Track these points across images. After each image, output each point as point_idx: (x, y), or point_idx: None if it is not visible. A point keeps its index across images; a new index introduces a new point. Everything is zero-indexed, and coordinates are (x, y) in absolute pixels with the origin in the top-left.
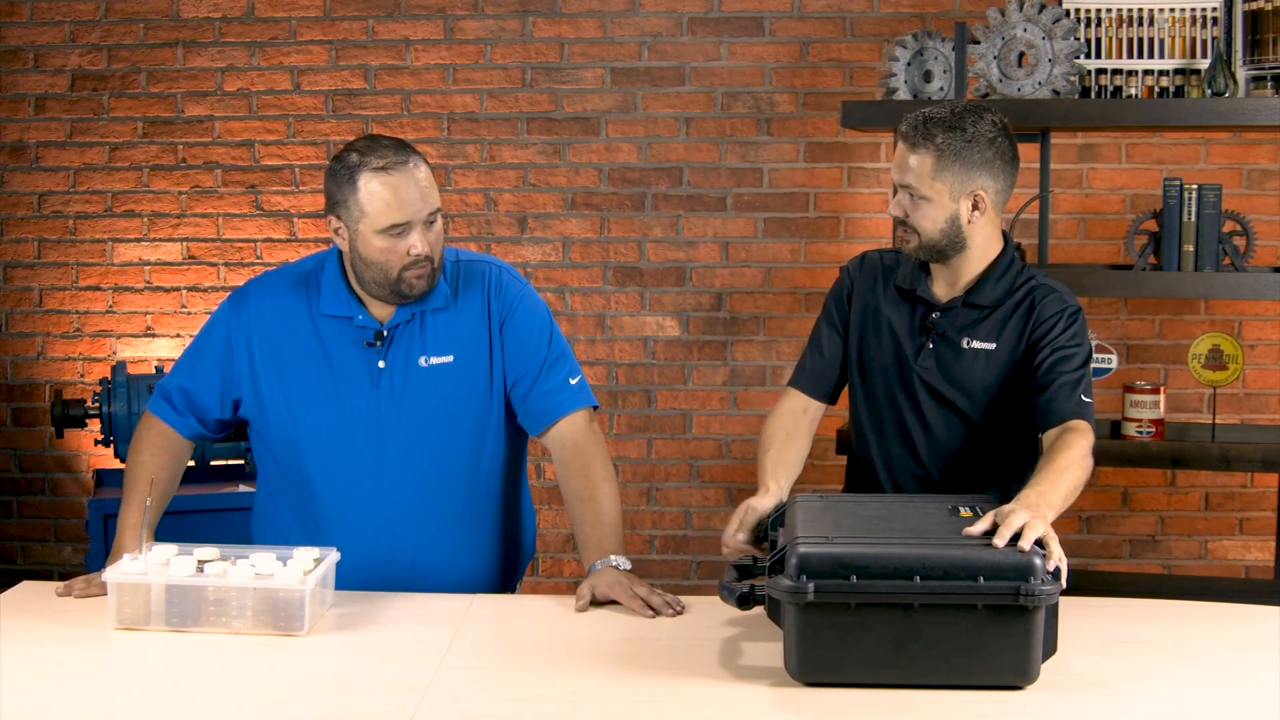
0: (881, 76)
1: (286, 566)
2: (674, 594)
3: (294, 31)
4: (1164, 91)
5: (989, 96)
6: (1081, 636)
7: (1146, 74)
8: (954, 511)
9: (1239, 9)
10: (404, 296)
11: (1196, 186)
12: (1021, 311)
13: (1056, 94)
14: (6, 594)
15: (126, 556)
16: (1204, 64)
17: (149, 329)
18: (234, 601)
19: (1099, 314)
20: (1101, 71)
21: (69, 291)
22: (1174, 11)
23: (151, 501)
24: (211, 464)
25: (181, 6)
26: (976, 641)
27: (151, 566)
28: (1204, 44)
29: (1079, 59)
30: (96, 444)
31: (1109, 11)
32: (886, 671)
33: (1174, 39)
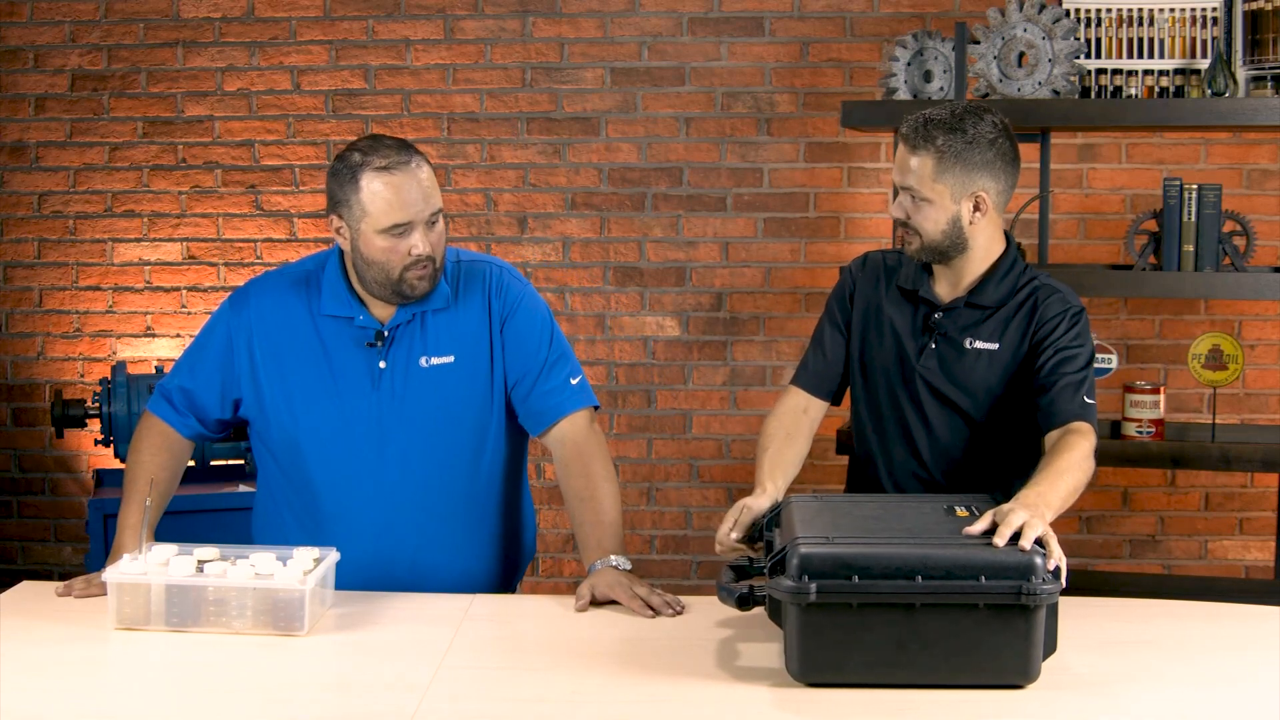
0: (881, 76)
1: (286, 566)
2: (674, 594)
3: (294, 31)
4: (1164, 91)
5: (989, 96)
6: (1081, 636)
7: (1146, 74)
8: (950, 511)
9: (1239, 9)
10: (405, 297)
11: (1196, 186)
12: (1024, 312)
13: (1056, 94)
14: (6, 594)
15: (126, 556)
16: (1204, 64)
17: (149, 329)
18: (234, 601)
19: (1099, 314)
20: (1101, 71)
21: (69, 291)
22: (1174, 11)
23: (151, 501)
24: (211, 464)
25: (181, 6)
26: (977, 641)
27: (151, 566)
28: (1204, 44)
29: (1079, 59)
30: (96, 444)
31: (1109, 11)
32: (887, 671)
33: (1174, 39)
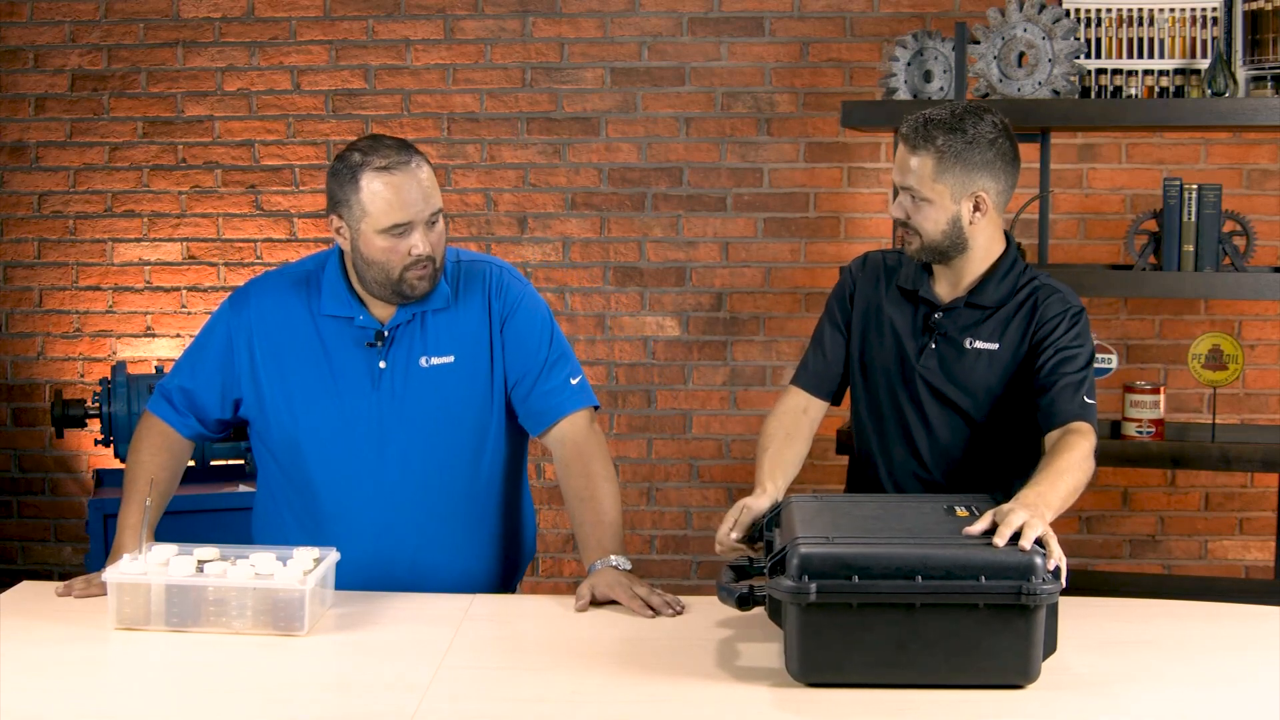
0: (881, 76)
1: (286, 566)
2: (674, 594)
3: (294, 31)
4: (1164, 91)
5: (989, 96)
6: (1081, 636)
7: (1146, 74)
8: (950, 511)
9: (1239, 9)
10: (405, 297)
11: (1196, 186)
12: (1024, 312)
13: (1056, 94)
14: (6, 594)
15: (126, 556)
16: (1204, 64)
17: (149, 329)
18: (234, 601)
19: (1099, 314)
20: (1101, 71)
21: (69, 291)
22: (1174, 11)
23: (151, 501)
24: (211, 464)
25: (181, 6)
26: (978, 641)
27: (151, 566)
28: (1204, 44)
29: (1079, 59)
30: (96, 444)
31: (1109, 11)
32: (888, 671)
33: (1174, 39)
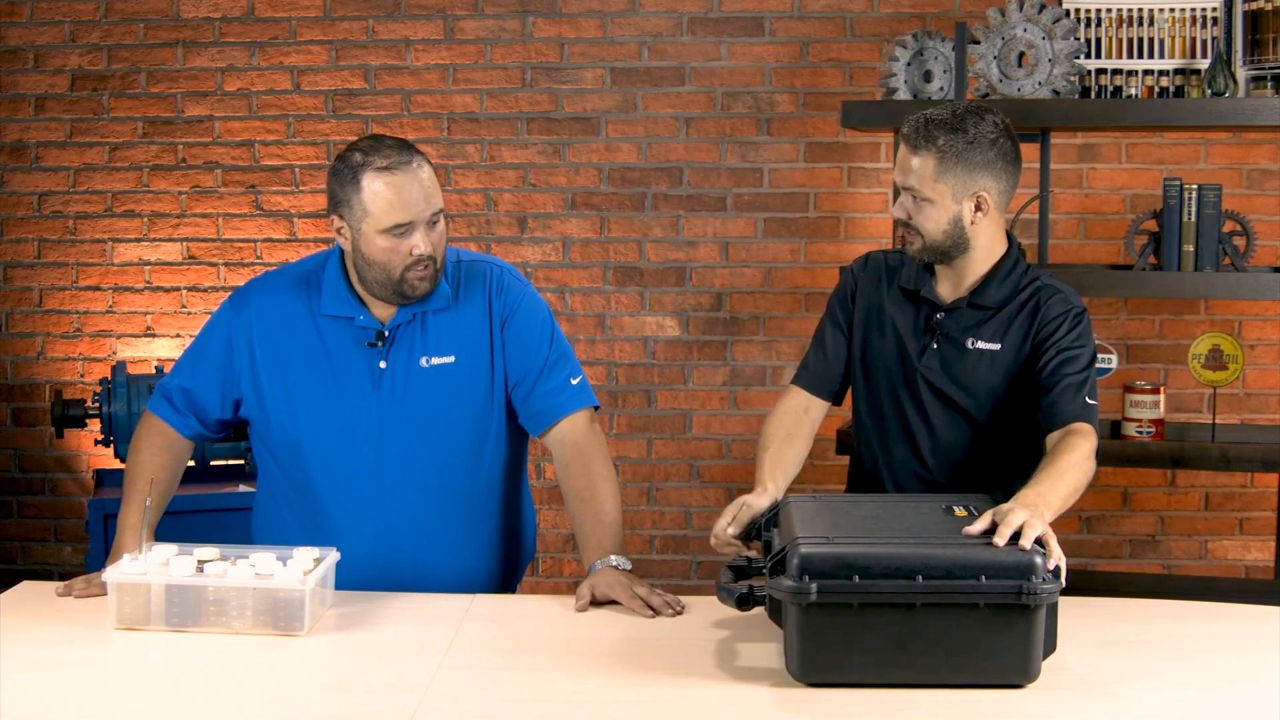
0: (881, 76)
1: (286, 566)
2: (674, 594)
3: (294, 31)
4: (1164, 91)
5: (989, 96)
6: (1081, 636)
7: (1146, 74)
8: (948, 511)
9: (1239, 9)
10: (406, 297)
11: (1196, 186)
12: (1027, 312)
13: (1056, 94)
14: (6, 594)
15: (126, 556)
16: (1204, 64)
17: (149, 329)
18: (234, 601)
19: (1099, 314)
20: (1101, 71)
21: (69, 291)
22: (1174, 11)
23: (151, 501)
24: (211, 464)
25: (181, 6)
26: (978, 640)
27: (151, 566)
28: (1204, 44)
29: (1079, 59)
30: (96, 444)
31: (1109, 11)
32: (888, 671)
33: (1174, 39)
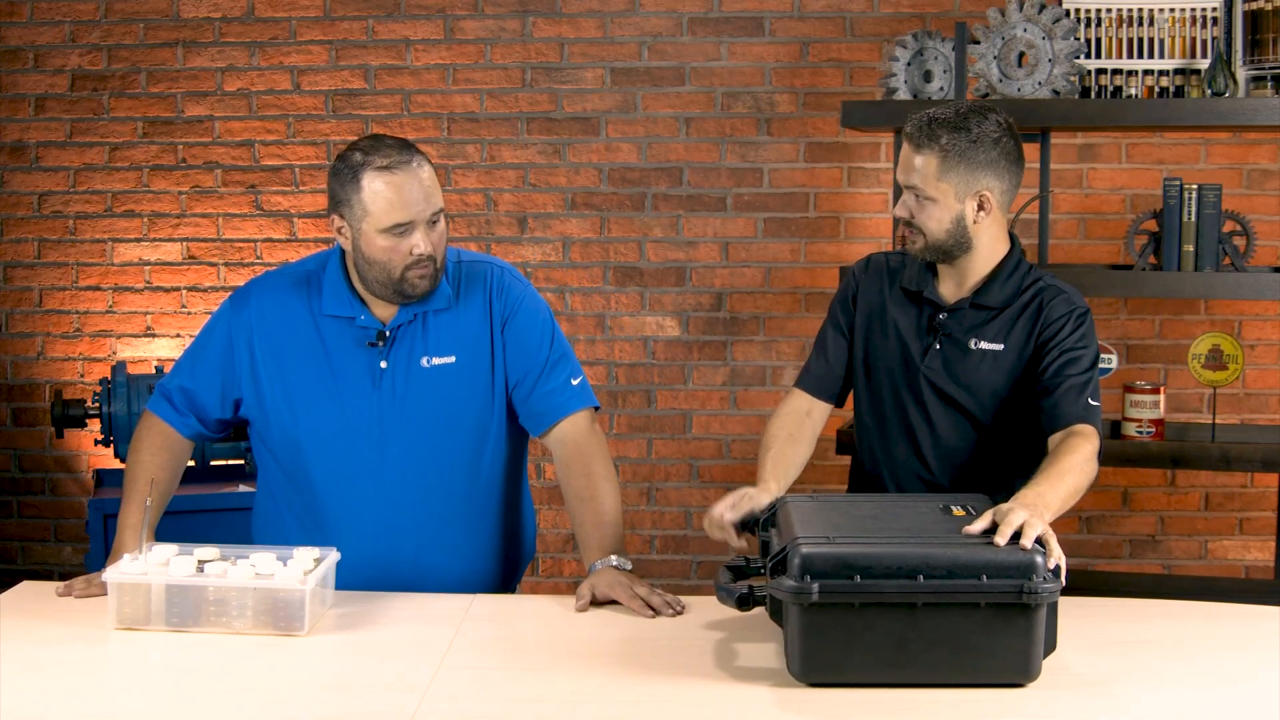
0: (881, 76)
1: (286, 566)
2: (674, 594)
3: (294, 31)
4: (1164, 91)
5: (989, 96)
6: (1081, 636)
7: (1146, 74)
8: (946, 510)
9: (1239, 9)
10: (406, 296)
11: (1196, 186)
12: (1030, 312)
13: (1056, 94)
14: (6, 594)
15: (126, 556)
16: (1204, 64)
17: (149, 329)
18: (234, 601)
19: (1099, 314)
20: (1101, 71)
21: (69, 291)
22: (1174, 11)
23: (151, 501)
24: (211, 464)
25: (181, 6)
26: (979, 640)
27: (151, 566)
28: (1204, 44)
29: (1079, 59)
30: (96, 444)
31: (1109, 11)
32: (889, 671)
33: (1174, 39)
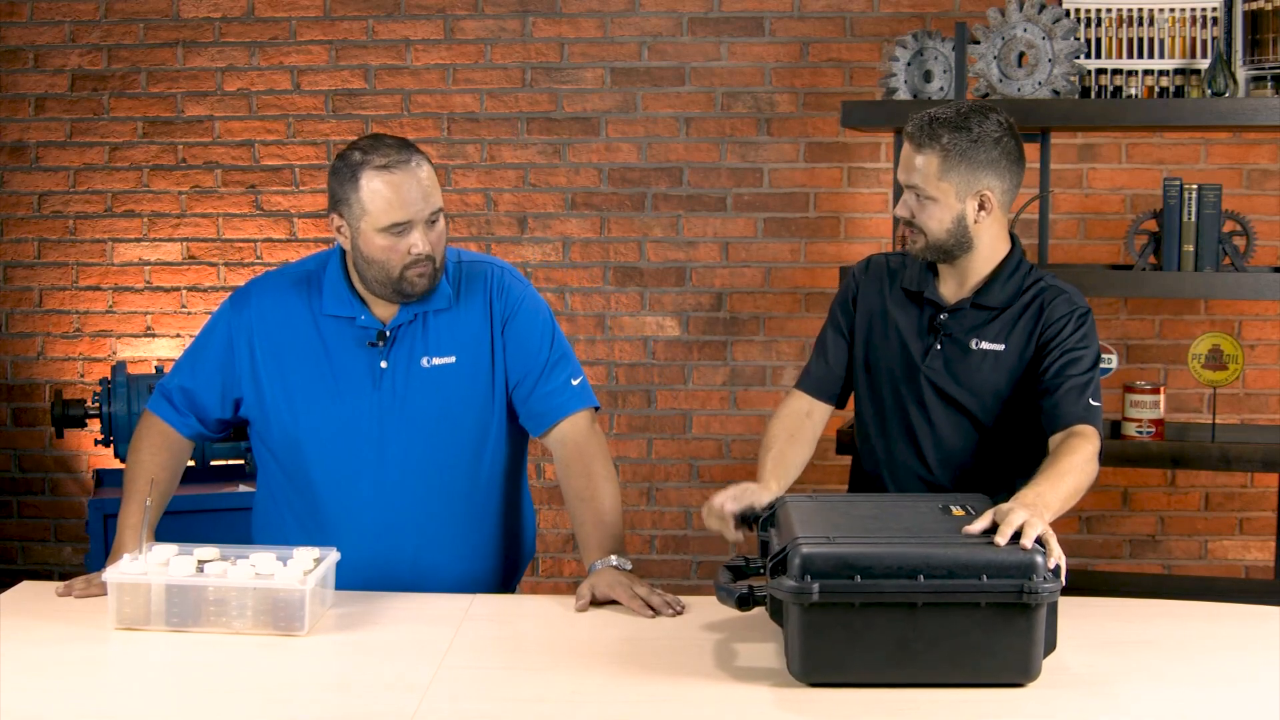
0: (881, 76)
1: (286, 566)
2: (674, 594)
3: (294, 31)
4: (1164, 91)
5: (989, 96)
6: (1081, 636)
7: (1146, 74)
8: (945, 510)
9: (1239, 9)
10: (406, 295)
11: (1196, 186)
12: (1031, 313)
13: (1056, 94)
14: (6, 594)
15: (126, 556)
16: (1204, 64)
17: (149, 329)
18: (234, 601)
19: (1099, 314)
20: (1101, 71)
21: (69, 291)
22: (1174, 11)
23: (151, 501)
24: (211, 464)
25: (181, 6)
26: (979, 639)
27: (151, 566)
28: (1204, 44)
29: (1079, 59)
30: (96, 444)
31: (1109, 11)
32: (890, 671)
33: (1174, 39)
